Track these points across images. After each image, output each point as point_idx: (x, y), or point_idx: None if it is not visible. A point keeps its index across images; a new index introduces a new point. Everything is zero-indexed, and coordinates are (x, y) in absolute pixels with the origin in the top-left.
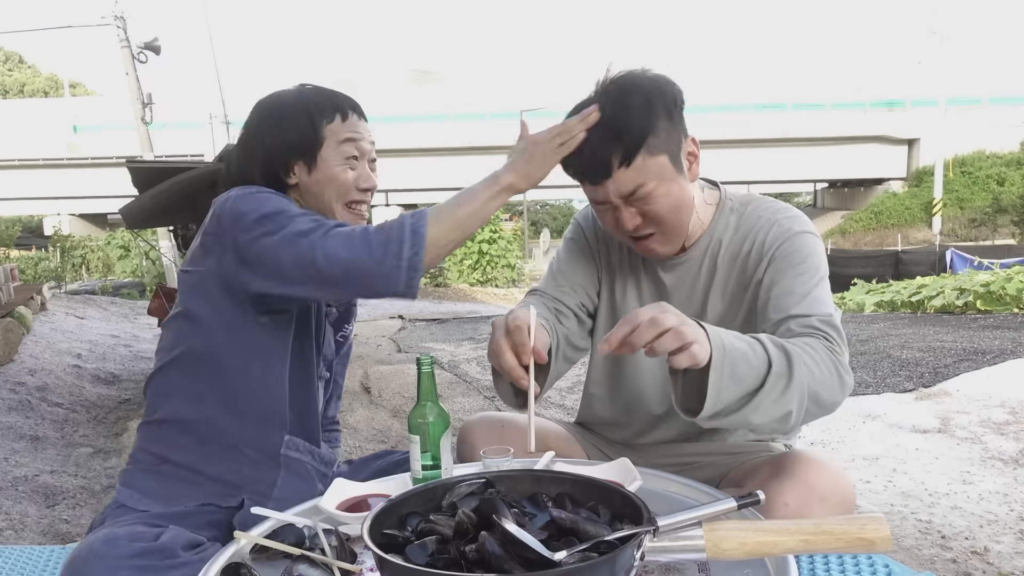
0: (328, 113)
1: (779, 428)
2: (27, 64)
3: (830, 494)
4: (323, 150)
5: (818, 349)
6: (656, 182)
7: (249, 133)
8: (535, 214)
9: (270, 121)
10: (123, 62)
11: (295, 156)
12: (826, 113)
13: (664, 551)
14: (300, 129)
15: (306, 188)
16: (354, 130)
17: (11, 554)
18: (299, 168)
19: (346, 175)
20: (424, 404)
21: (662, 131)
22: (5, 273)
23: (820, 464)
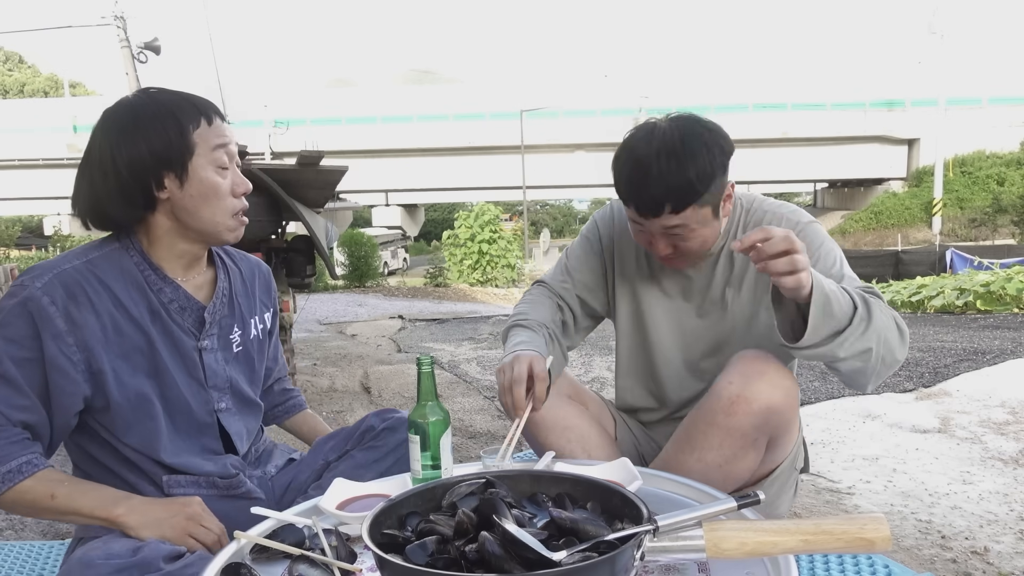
0: (193, 117)
1: (861, 366)
2: (27, 64)
3: (766, 368)
4: (194, 159)
5: (881, 303)
6: (696, 227)
7: (101, 150)
8: (535, 214)
9: (126, 132)
10: (123, 62)
11: (164, 167)
12: (826, 113)
13: (664, 551)
14: (167, 136)
15: (179, 203)
16: (222, 134)
17: (11, 550)
18: (170, 181)
19: (222, 184)
20: (424, 404)
21: (715, 188)
22: (5, 273)
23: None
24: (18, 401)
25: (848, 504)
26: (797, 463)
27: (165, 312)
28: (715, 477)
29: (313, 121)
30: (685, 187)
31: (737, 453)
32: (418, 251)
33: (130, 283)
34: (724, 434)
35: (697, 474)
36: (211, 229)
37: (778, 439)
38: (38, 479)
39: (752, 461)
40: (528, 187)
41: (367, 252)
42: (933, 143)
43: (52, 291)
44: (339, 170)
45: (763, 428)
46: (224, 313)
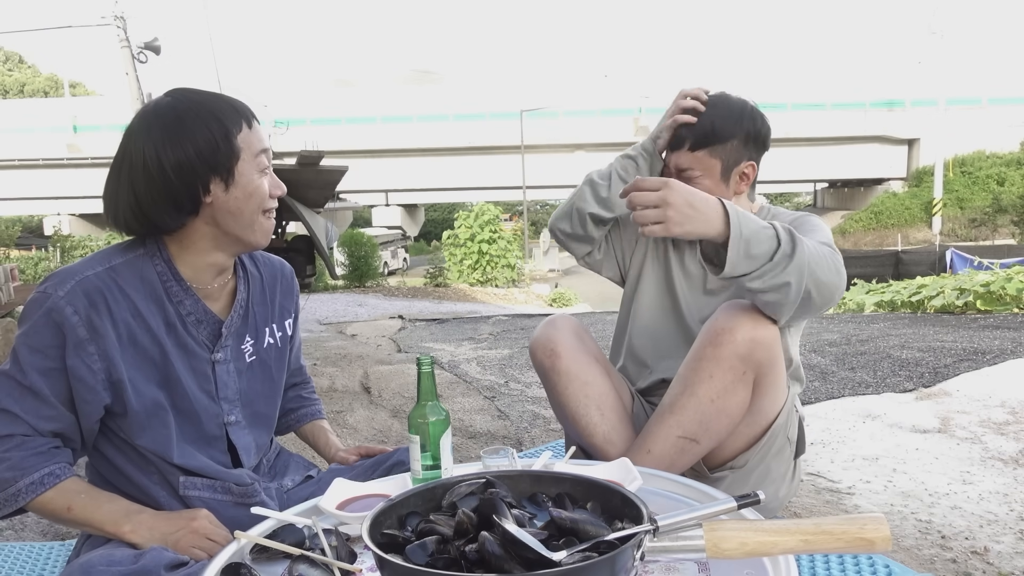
0: (236, 121)
1: (780, 299)
2: (27, 64)
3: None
4: (240, 163)
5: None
6: (701, 174)
7: (145, 152)
8: (535, 214)
9: (171, 134)
10: (123, 62)
11: (212, 172)
12: (826, 113)
13: (664, 551)
14: (214, 140)
15: (222, 206)
16: (261, 139)
17: (11, 551)
18: (215, 185)
19: (263, 186)
20: (424, 404)
21: (731, 146)
22: (5, 273)
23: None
24: (45, 411)
25: (848, 504)
26: (790, 431)
27: (181, 324)
28: (709, 413)
29: (313, 121)
30: (705, 129)
31: (727, 386)
32: (418, 251)
33: (149, 293)
34: (713, 364)
35: (692, 411)
36: (247, 231)
37: (765, 381)
38: (59, 490)
39: (742, 397)
40: (528, 187)
41: (367, 252)
42: (933, 143)
43: (75, 300)
44: (339, 170)
45: (748, 360)
46: (239, 325)
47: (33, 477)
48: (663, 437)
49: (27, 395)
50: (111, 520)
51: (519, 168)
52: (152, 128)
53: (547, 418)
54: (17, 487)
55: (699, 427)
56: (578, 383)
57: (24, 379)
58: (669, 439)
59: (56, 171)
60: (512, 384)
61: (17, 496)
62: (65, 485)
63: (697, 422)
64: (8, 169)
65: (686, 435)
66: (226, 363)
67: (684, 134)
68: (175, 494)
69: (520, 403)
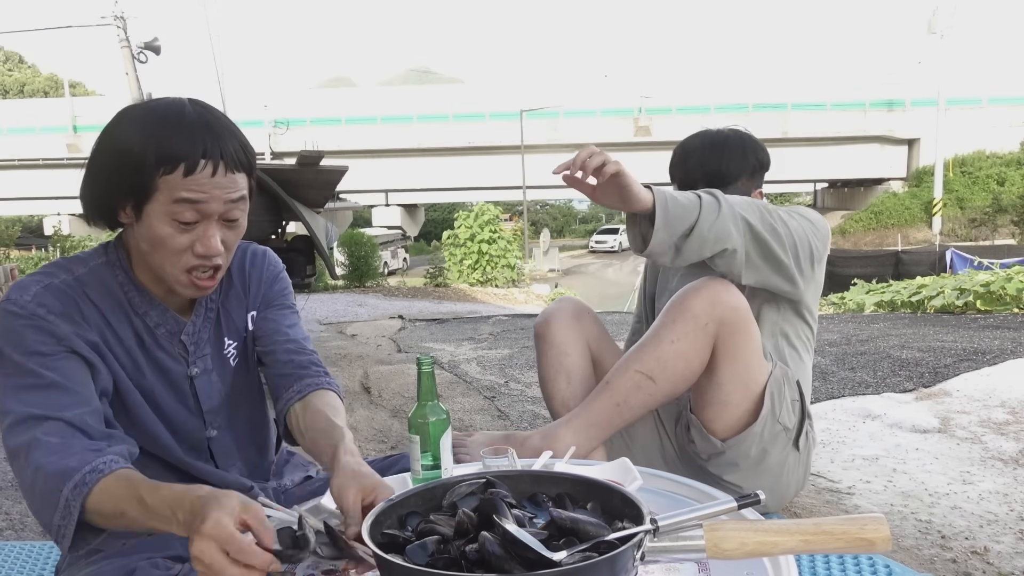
0: (168, 159)
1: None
2: (27, 64)
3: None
4: (150, 204)
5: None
6: None
7: (94, 148)
8: (535, 214)
9: (110, 140)
10: (123, 62)
11: (122, 194)
12: (826, 113)
13: (664, 551)
14: (125, 165)
15: (135, 238)
16: (198, 189)
17: (11, 550)
18: (128, 211)
19: (176, 240)
20: (424, 404)
21: (740, 183)
22: (5, 273)
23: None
24: (67, 400)
25: (848, 504)
26: (782, 416)
27: (151, 337)
28: (667, 353)
29: (313, 121)
30: (719, 173)
31: (687, 332)
32: (418, 251)
33: (115, 305)
34: (676, 313)
35: (651, 350)
36: (162, 277)
37: (733, 341)
38: (107, 493)
39: (701, 345)
40: (528, 187)
41: (367, 252)
42: (933, 143)
43: (45, 301)
44: (339, 170)
45: (710, 313)
46: (211, 331)
47: (75, 479)
48: (622, 370)
49: (45, 392)
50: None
51: (519, 168)
52: (116, 121)
53: (547, 418)
54: (64, 496)
55: (656, 364)
56: (556, 351)
57: (34, 379)
58: (627, 372)
59: (56, 171)
60: (512, 384)
61: (70, 508)
62: (113, 486)
63: (655, 359)
64: (8, 169)
65: (642, 370)
66: (207, 374)
67: (691, 171)
68: None
69: (520, 403)
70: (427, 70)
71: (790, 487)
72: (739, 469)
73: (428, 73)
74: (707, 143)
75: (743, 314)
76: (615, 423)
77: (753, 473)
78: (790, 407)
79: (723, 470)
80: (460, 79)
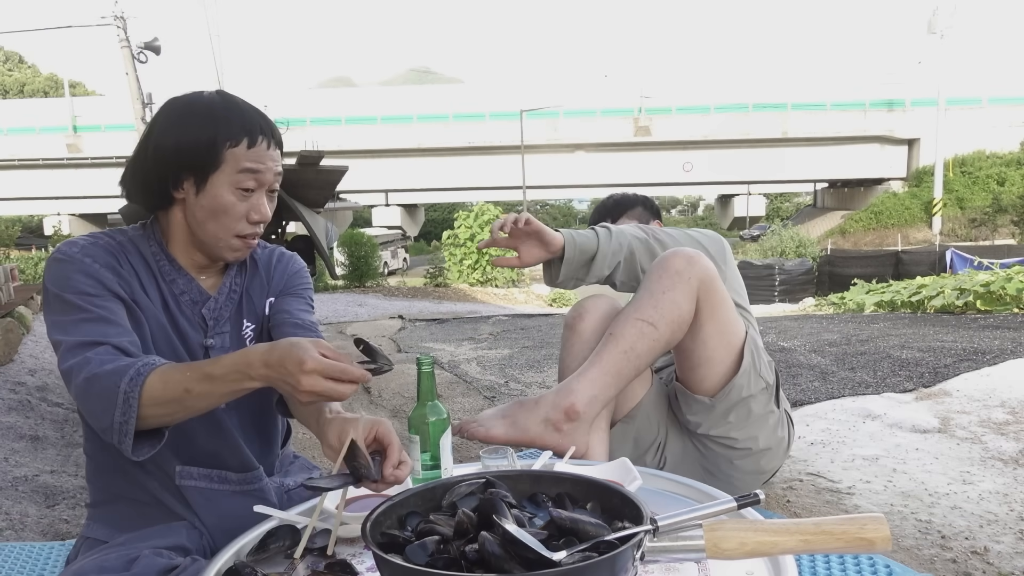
0: (235, 134)
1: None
2: (27, 64)
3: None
4: (216, 174)
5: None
6: None
7: (148, 131)
8: (535, 214)
9: (170, 123)
10: (123, 62)
11: (186, 169)
12: (826, 113)
13: (664, 551)
14: (198, 141)
15: (190, 210)
16: (258, 160)
17: (11, 551)
18: (188, 185)
19: (236, 208)
20: (424, 404)
21: (637, 212)
22: (5, 273)
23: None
24: (114, 331)
25: (848, 504)
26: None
27: (176, 303)
28: (662, 301)
29: (313, 121)
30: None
31: (674, 283)
32: (418, 251)
33: (147, 270)
34: (661, 270)
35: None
36: (212, 243)
37: (711, 297)
38: (164, 379)
39: (688, 296)
40: (528, 187)
41: (367, 252)
42: (933, 143)
43: (91, 252)
44: (339, 170)
45: (691, 269)
46: (232, 311)
47: (130, 373)
48: (623, 320)
49: (95, 324)
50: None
51: (519, 168)
52: (168, 112)
53: None
54: (122, 390)
55: (654, 312)
56: (584, 345)
57: (83, 315)
58: (629, 321)
59: (56, 171)
60: (512, 384)
61: (128, 401)
62: (164, 370)
63: (652, 307)
64: (8, 169)
65: (643, 318)
66: (223, 349)
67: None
68: (170, 484)
69: None
70: (427, 70)
71: (780, 445)
72: (728, 421)
73: (428, 73)
74: (605, 199)
75: (716, 275)
76: (626, 372)
77: (744, 424)
78: (767, 365)
79: (714, 425)
80: (460, 79)
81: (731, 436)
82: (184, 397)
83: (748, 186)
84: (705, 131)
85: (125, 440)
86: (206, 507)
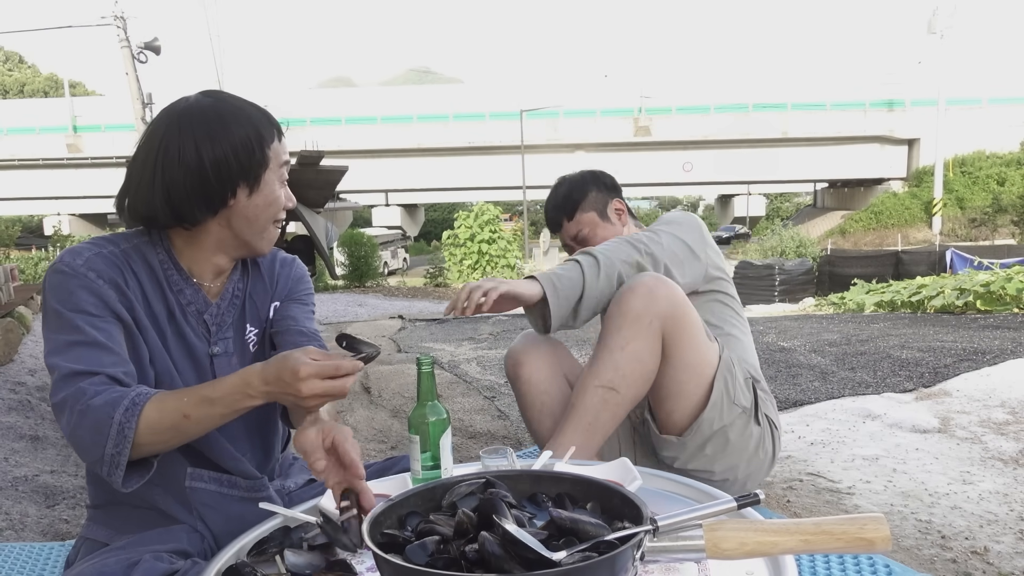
0: (270, 132)
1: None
2: (27, 64)
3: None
4: (267, 172)
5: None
6: (589, 228)
7: (182, 147)
8: (535, 214)
9: (214, 133)
10: (123, 62)
11: (243, 177)
12: (826, 113)
13: (664, 551)
14: (251, 145)
15: (241, 211)
16: (286, 151)
17: (11, 550)
18: (241, 191)
19: (280, 198)
20: (424, 404)
21: (592, 198)
22: (5, 273)
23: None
24: (110, 359)
25: (848, 504)
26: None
27: (181, 313)
28: (621, 360)
29: (313, 121)
30: (565, 198)
31: (634, 334)
32: (418, 251)
33: (153, 280)
34: (619, 318)
35: (606, 360)
36: (257, 238)
37: (678, 330)
38: (160, 408)
39: (651, 343)
40: (528, 187)
41: (367, 252)
42: (933, 143)
43: (95, 266)
44: (339, 170)
45: (650, 310)
46: (235, 316)
47: (124, 403)
48: (584, 389)
49: (90, 350)
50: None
51: (519, 168)
52: (194, 125)
53: None
54: (116, 421)
55: (615, 374)
56: (536, 391)
57: (80, 337)
58: (589, 389)
59: (56, 171)
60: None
61: (124, 432)
62: (160, 397)
63: (612, 370)
64: (8, 169)
65: (603, 384)
66: (227, 356)
67: (553, 216)
68: (176, 488)
69: None
70: (427, 70)
71: (763, 464)
72: (704, 454)
73: (428, 73)
74: (554, 187)
75: (681, 302)
76: (593, 443)
77: (722, 454)
78: (743, 385)
79: (691, 459)
80: (460, 79)
81: (710, 469)
82: (181, 423)
83: (748, 186)
84: (705, 131)
85: (116, 472)
86: (214, 510)
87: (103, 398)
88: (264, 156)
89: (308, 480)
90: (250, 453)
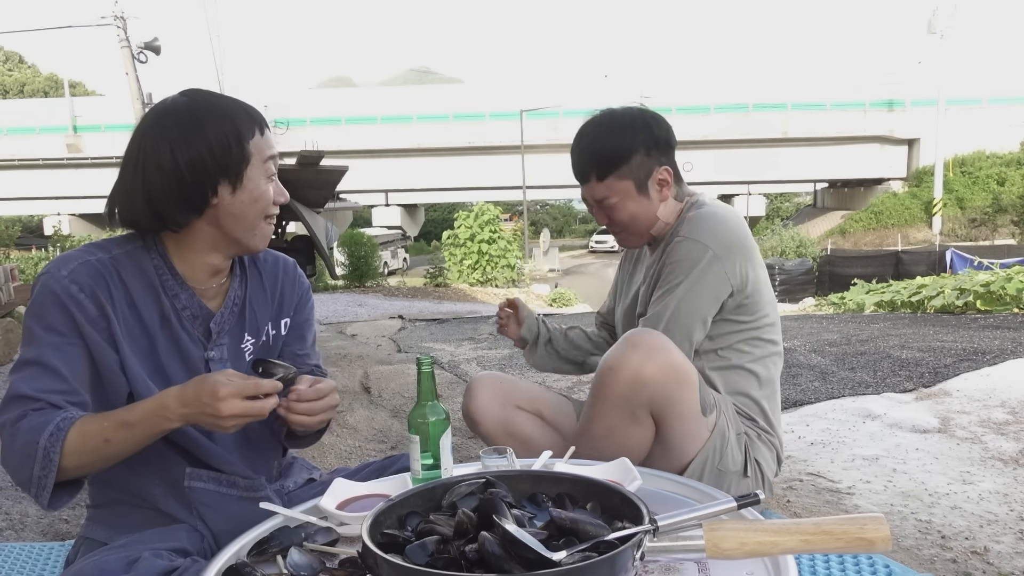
0: (249, 127)
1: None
2: (27, 64)
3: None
4: (250, 168)
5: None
6: (619, 198)
7: (158, 148)
8: (535, 214)
9: (187, 133)
10: (123, 62)
11: (222, 174)
12: (826, 113)
13: (664, 551)
14: (227, 142)
15: (227, 208)
16: (271, 146)
17: (11, 550)
18: (223, 189)
19: (267, 193)
20: (424, 404)
21: (635, 163)
22: (5, 273)
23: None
24: (59, 387)
25: (848, 504)
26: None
27: (176, 318)
28: (603, 449)
29: (313, 121)
30: (603, 156)
31: (616, 425)
32: (418, 251)
33: (146, 286)
34: (601, 403)
35: (588, 444)
36: (248, 236)
37: (665, 416)
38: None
39: (638, 434)
40: (528, 187)
41: (367, 252)
42: (933, 143)
43: (79, 279)
44: (339, 170)
45: (636, 399)
46: (233, 323)
47: (49, 428)
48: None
49: (43, 374)
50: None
51: (519, 168)
52: (169, 126)
53: None
54: (41, 445)
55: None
56: (500, 439)
57: (39, 358)
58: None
59: (56, 171)
60: None
61: (48, 455)
62: (83, 421)
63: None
64: (8, 169)
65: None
66: (222, 362)
67: (581, 167)
68: (175, 488)
69: None
70: (427, 70)
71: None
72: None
73: (428, 73)
74: (596, 123)
75: (670, 384)
76: None
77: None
78: (735, 445)
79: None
80: (460, 79)
81: None
82: (103, 447)
83: (748, 186)
84: (705, 131)
85: (43, 493)
86: (214, 510)
87: (30, 421)
88: (243, 152)
89: (308, 480)
90: (251, 456)
